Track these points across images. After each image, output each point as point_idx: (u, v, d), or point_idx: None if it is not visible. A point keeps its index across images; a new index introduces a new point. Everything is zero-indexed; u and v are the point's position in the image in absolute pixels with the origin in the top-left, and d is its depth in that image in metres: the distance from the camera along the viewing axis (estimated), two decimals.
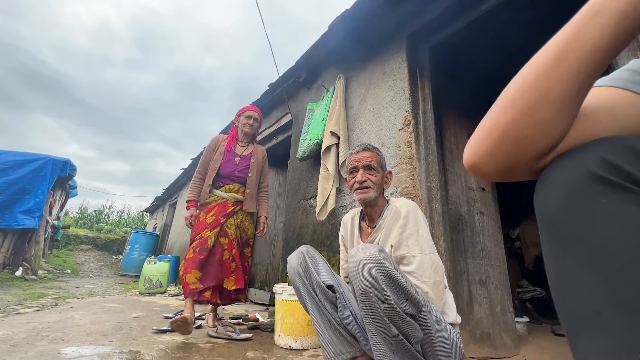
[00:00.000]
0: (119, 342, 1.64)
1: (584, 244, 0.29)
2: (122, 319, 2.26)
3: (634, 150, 0.30)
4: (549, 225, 0.33)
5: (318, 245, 2.35)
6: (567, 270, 0.30)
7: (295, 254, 1.15)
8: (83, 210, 14.98)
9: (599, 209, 0.29)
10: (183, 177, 7.07)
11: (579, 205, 0.30)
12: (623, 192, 0.28)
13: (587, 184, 0.30)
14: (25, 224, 4.77)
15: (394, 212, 1.14)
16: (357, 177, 1.20)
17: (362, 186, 1.19)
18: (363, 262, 0.84)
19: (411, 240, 1.06)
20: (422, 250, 1.04)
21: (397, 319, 0.83)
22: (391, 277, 0.83)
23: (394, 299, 0.82)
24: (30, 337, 1.67)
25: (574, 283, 0.30)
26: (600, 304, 0.27)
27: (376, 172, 1.22)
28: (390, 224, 1.14)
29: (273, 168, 4.36)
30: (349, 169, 1.26)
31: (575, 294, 0.29)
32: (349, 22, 2.31)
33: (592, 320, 0.28)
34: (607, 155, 0.30)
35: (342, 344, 1.05)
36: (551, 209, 0.32)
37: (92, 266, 8.09)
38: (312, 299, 1.08)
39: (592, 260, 0.28)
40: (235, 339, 1.80)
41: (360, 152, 1.24)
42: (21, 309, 2.55)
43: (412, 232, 1.08)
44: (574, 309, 0.30)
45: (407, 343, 0.85)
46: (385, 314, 0.82)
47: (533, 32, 2.07)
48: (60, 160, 5.32)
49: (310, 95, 3.04)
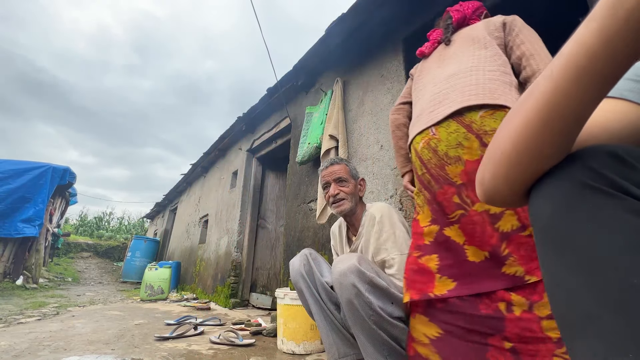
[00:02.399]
0: (121, 350, 1.64)
1: (573, 248, 0.30)
2: (124, 327, 2.25)
3: (616, 158, 0.31)
4: (541, 231, 0.34)
5: (319, 249, 2.35)
6: (559, 274, 0.31)
7: (298, 256, 1.16)
8: (83, 218, 14.97)
9: (585, 215, 0.30)
10: (183, 182, 7.07)
11: (567, 211, 0.32)
12: (608, 198, 0.30)
13: (574, 191, 0.31)
14: (26, 233, 4.77)
15: (370, 219, 1.16)
16: (330, 191, 1.22)
17: (336, 199, 1.21)
18: (345, 273, 0.86)
19: (389, 244, 1.07)
20: (401, 251, 1.05)
21: (385, 324, 0.84)
22: (373, 284, 0.85)
23: (378, 305, 0.84)
24: (32, 347, 1.66)
25: (566, 286, 0.31)
26: (590, 306, 0.28)
27: (347, 182, 1.23)
28: (368, 230, 1.15)
29: (272, 172, 4.38)
30: (322, 185, 1.28)
31: (568, 297, 0.30)
32: (346, 26, 2.32)
33: (584, 323, 0.28)
34: (592, 164, 0.31)
35: (346, 346, 1.05)
36: (542, 215, 0.34)
37: (93, 273, 8.06)
38: (315, 301, 1.08)
39: (581, 264, 0.30)
40: (238, 345, 1.80)
41: (329, 166, 1.27)
42: (22, 319, 2.54)
43: (389, 235, 1.08)
44: (567, 313, 0.30)
45: (398, 347, 0.86)
46: (373, 321, 0.84)
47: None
48: (60, 168, 5.32)
49: (309, 99, 3.06)
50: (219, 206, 4.82)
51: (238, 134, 4.47)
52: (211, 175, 5.70)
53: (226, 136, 4.67)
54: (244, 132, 4.31)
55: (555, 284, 0.32)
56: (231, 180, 4.61)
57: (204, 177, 6.08)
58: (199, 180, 6.33)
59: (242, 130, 4.27)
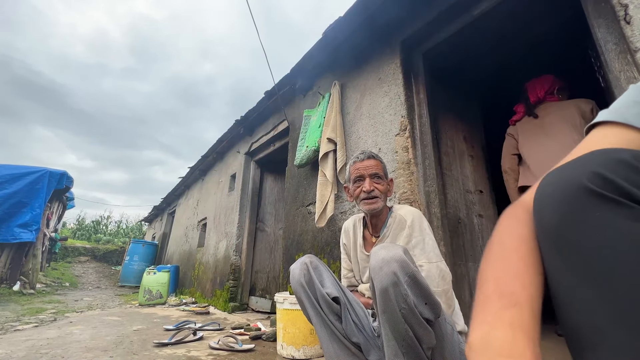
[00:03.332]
0: (119, 357, 1.62)
1: (581, 258, 0.29)
2: (123, 333, 2.24)
3: (625, 163, 0.30)
4: (545, 238, 0.33)
5: (318, 252, 2.34)
6: (567, 284, 0.30)
7: (298, 264, 1.13)
8: (81, 222, 14.89)
9: (592, 223, 0.29)
10: (181, 185, 7.04)
11: (573, 219, 0.30)
12: (615, 206, 0.28)
13: (580, 197, 0.30)
14: (23, 238, 4.73)
15: (399, 221, 1.13)
16: (365, 186, 1.15)
17: (369, 196, 1.15)
18: (387, 260, 0.82)
19: (417, 250, 1.05)
20: (429, 259, 1.03)
21: (413, 321, 0.82)
22: (414, 279, 0.82)
23: (413, 300, 0.81)
24: (30, 355, 1.64)
25: (574, 297, 0.29)
26: (600, 319, 0.27)
27: (382, 180, 1.19)
28: (395, 233, 1.12)
29: (271, 175, 4.37)
30: (354, 177, 1.20)
31: (576, 308, 0.29)
32: (343, 29, 2.33)
33: (593, 335, 0.27)
34: (598, 169, 0.30)
35: (347, 356, 1.04)
36: (547, 222, 0.32)
37: (90, 278, 8.01)
38: (316, 312, 1.06)
39: (590, 275, 0.28)
40: (238, 350, 1.79)
41: (365, 160, 1.20)
42: (20, 325, 2.51)
43: (418, 241, 1.06)
44: (576, 324, 0.29)
45: (418, 347, 0.84)
46: (402, 314, 0.81)
47: (527, 35, 2.09)
48: (57, 172, 5.30)
49: (306, 102, 3.06)
50: (218, 209, 4.80)
51: (236, 137, 4.46)
52: (209, 178, 5.69)
53: (224, 139, 4.66)
54: (242, 135, 4.31)
55: (563, 294, 0.31)
56: (229, 183, 4.60)
57: (202, 180, 6.06)
58: (197, 183, 6.31)
59: (240, 133, 4.26)
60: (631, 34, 1.13)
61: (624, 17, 1.15)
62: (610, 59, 1.23)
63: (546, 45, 2.28)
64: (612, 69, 1.21)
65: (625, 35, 1.15)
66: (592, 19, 1.31)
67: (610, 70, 1.22)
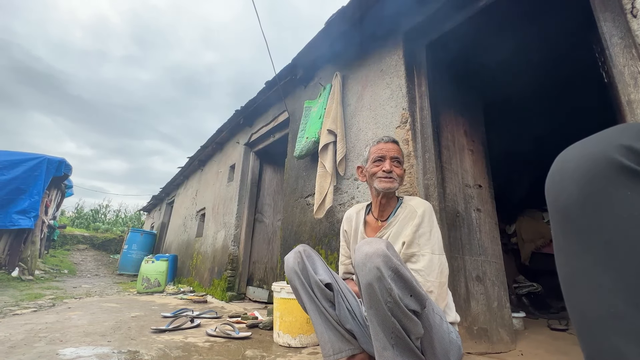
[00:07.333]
0: (117, 342, 1.64)
1: (604, 241, 0.27)
2: (121, 319, 2.26)
3: None
4: (563, 218, 0.30)
5: (316, 244, 2.36)
6: (583, 268, 0.28)
7: (292, 253, 1.15)
8: (79, 210, 14.88)
9: (622, 203, 0.26)
10: (180, 175, 7.03)
11: (599, 197, 0.27)
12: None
13: (608, 173, 0.27)
14: (21, 224, 4.74)
15: (409, 211, 1.16)
16: (385, 166, 1.19)
17: (388, 175, 1.18)
18: (370, 255, 0.84)
19: (423, 239, 1.08)
20: (433, 251, 1.06)
21: (400, 314, 0.84)
22: (398, 272, 0.84)
23: (398, 293, 0.83)
24: (28, 338, 1.66)
25: (590, 281, 0.27)
26: (619, 304, 0.25)
27: (401, 165, 1.23)
28: (404, 222, 1.14)
29: (270, 166, 4.36)
30: (375, 157, 1.23)
31: (591, 293, 0.27)
32: (346, 19, 2.29)
33: (609, 321, 0.26)
34: (632, 142, 0.26)
35: (341, 342, 1.06)
36: (567, 201, 0.29)
37: (89, 266, 8.05)
38: (310, 298, 1.08)
39: (612, 259, 0.26)
40: (234, 338, 1.81)
41: (389, 142, 1.25)
42: (18, 310, 2.53)
43: (425, 231, 1.09)
44: (588, 309, 0.27)
45: (407, 338, 0.86)
46: (388, 308, 0.83)
47: (532, 27, 2.07)
48: (55, 159, 5.27)
49: (307, 93, 3.03)
50: (216, 200, 4.81)
51: (236, 128, 4.43)
52: (208, 168, 5.68)
53: (224, 129, 4.63)
54: (242, 125, 4.28)
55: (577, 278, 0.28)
56: (229, 174, 4.59)
57: (201, 170, 6.05)
58: (196, 173, 6.30)
59: (240, 123, 4.24)
60: (637, 28, 1.12)
61: (630, 10, 1.14)
62: (615, 54, 1.22)
63: (551, 40, 2.25)
64: (616, 63, 1.20)
65: (631, 29, 1.14)
66: (599, 12, 1.29)
67: (615, 65, 1.21)
